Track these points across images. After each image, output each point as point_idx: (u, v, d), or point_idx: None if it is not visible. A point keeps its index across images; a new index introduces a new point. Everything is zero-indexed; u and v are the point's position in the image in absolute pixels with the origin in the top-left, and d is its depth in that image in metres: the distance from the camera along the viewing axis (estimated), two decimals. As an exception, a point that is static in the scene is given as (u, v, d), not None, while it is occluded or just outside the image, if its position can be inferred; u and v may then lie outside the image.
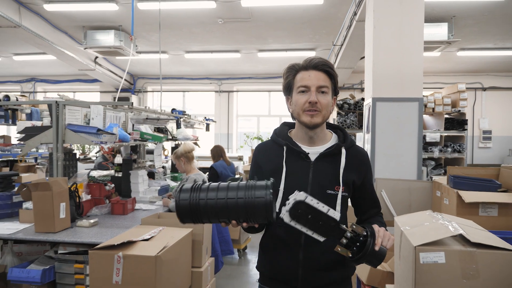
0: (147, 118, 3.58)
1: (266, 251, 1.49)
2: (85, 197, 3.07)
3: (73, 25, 6.99)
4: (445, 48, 6.63)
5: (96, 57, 8.44)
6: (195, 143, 5.32)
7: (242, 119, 10.76)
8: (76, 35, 7.42)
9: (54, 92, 11.28)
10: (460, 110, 6.62)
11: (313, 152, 1.43)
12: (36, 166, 6.30)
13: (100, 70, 8.93)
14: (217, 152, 4.85)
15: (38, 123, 3.89)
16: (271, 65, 9.13)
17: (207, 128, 6.44)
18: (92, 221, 2.70)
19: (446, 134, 6.63)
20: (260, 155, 1.50)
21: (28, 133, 2.88)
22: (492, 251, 1.53)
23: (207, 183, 1.24)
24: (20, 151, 5.98)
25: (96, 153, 7.70)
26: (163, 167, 4.77)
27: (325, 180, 1.40)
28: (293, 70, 1.43)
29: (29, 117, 3.96)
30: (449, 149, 6.59)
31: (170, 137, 4.47)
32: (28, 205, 2.75)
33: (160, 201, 3.58)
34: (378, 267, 2.61)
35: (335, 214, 1.17)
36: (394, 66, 3.99)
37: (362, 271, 2.71)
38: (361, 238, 1.20)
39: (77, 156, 6.58)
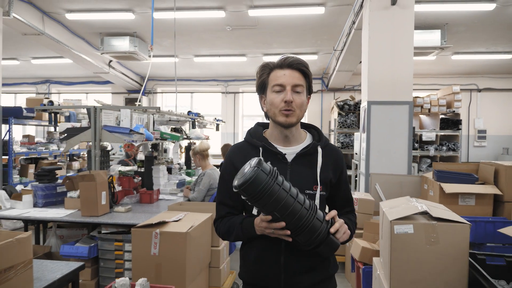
0: (170, 120, 4.08)
1: (247, 258, 1.46)
2: (116, 188, 3.56)
3: (90, 32, 7.49)
4: (439, 53, 7.07)
5: (111, 61, 8.94)
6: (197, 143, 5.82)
7: (247, 119, 11.25)
8: (93, 41, 7.93)
9: (68, 93, 11.81)
10: (454, 111, 7.03)
11: (290, 152, 1.41)
12: (58, 163, 6.83)
13: (113, 73, 9.43)
14: (227, 150, 5.33)
15: (77, 124, 4.38)
16: None
17: (217, 128, 6.93)
18: (126, 207, 3.19)
19: (441, 134, 7.02)
20: (235, 157, 1.45)
21: (70, 133, 3.37)
22: (448, 223, 2.00)
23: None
24: (45, 149, 6.49)
25: (110, 151, 8.21)
26: (178, 163, 5.26)
27: (303, 180, 1.39)
28: (267, 69, 1.41)
29: (68, 119, 4.44)
30: (444, 148, 6.99)
31: (185, 136, 4.95)
32: (71, 194, 3.24)
33: (180, 193, 4.08)
34: (368, 246, 3.10)
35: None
36: (387, 73, 4.46)
37: (355, 249, 3.19)
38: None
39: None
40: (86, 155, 7.64)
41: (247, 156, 1.38)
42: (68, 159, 7.57)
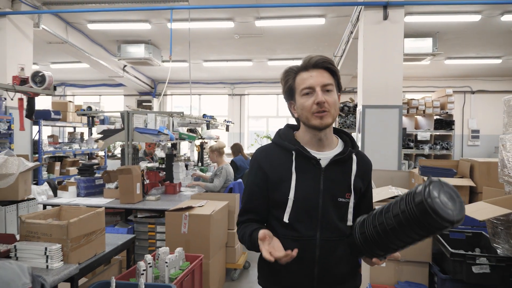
0: (190, 122, 4.68)
1: (272, 266, 1.33)
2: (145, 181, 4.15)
3: (108, 40, 8.09)
4: (432, 59, 7.62)
5: (125, 66, 9.55)
6: (216, 141, 6.43)
7: (252, 120, 11.83)
8: (110, 48, 8.53)
9: (82, 95, 12.44)
10: (447, 112, 7.52)
11: (324, 157, 1.33)
12: (79, 161, 7.44)
13: (127, 76, 10.03)
14: (237, 149, 5.92)
15: (111, 126, 4.99)
16: (279, 71, 9.90)
17: (227, 129, 7.53)
18: (156, 196, 3.79)
19: (435, 133, 7.53)
20: (264, 160, 1.38)
21: (106, 134, 3.97)
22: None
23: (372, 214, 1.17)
24: (68, 148, 7.10)
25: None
26: (193, 160, 5.86)
27: (336, 187, 1.32)
28: (292, 73, 1.35)
29: (102, 122, 5.05)
30: (438, 147, 7.49)
31: (199, 137, 5.54)
32: (109, 185, 3.84)
33: (195, 188, 4.68)
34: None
35: None
36: (379, 80, 5.03)
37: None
38: None
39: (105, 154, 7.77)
40: (99, 154, 8.27)
41: (276, 160, 1.35)
42: (87, 158, 8.18)
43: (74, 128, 8.07)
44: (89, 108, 4.53)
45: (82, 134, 7.87)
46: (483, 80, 10.36)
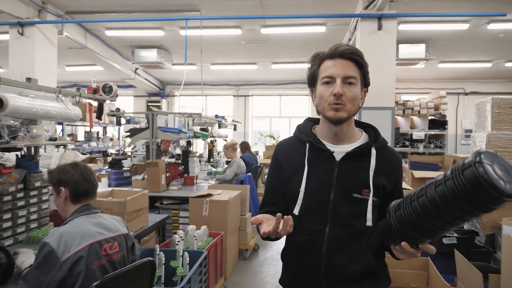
0: (206, 122, 5.24)
1: (287, 263, 1.37)
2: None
3: (123, 45, 8.66)
4: (425, 63, 8.16)
5: (137, 68, 10.11)
6: (225, 140, 7.00)
7: (256, 120, 12.41)
8: (124, 52, 9.10)
9: (94, 96, 12.99)
10: (441, 113, 8.01)
11: (339, 151, 1.29)
12: (96, 158, 8.01)
13: (138, 79, 10.60)
14: (244, 146, 6.48)
15: (136, 126, 5.56)
16: (282, 74, 10.76)
17: (235, 128, 8.10)
18: (178, 186, 4.35)
19: (430, 133, 8.02)
20: (281, 152, 1.38)
21: (133, 132, 4.53)
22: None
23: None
24: (88, 145, 7.66)
25: (132, 149, 9.40)
26: (205, 156, 6.42)
27: (351, 182, 1.26)
28: (318, 59, 1.30)
29: (128, 121, 5.61)
30: (432, 145, 7.96)
31: (211, 135, 6.11)
32: (136, 177, 4.40)
33: (210, 180, 5.24)
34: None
35: None
36: (374, 84, 5.53)
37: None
38: None
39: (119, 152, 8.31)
40: (113, 152, 8.82)
41: (292, 152, 1.34)
42: (102, 155, 8.75)
43: (90, 127, 8.64)
44: (118, 109, 5.09)
45: (98, 133, 8.44)
46: (476, 82, 10.90)
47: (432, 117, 8.21)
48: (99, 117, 3.11)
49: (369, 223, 1.21)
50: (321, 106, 1.26)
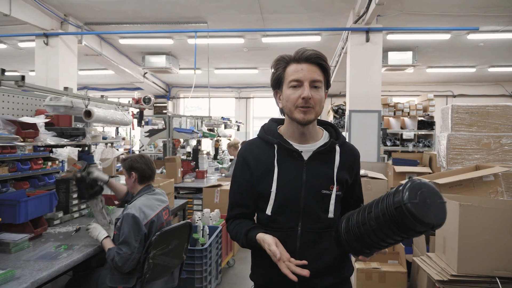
0: (214, 124, 5.95)
1: (260, 259, 1.38)
2: (180, 168, 5.43)
3: (134, 52, 9.37)
4: (414, 68, 8.87)
5: (145, 73, 10.82)
6: (229, 139, 7.73)
7: (257, 120, 13.15)
8: (134, 58, 9.82)
9: (103, 98, 13.70)
10: (429, 114, 8.66)
11: (306, 150, 1.34)
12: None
13: (145, 82, 11.31)
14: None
15: (154, 126, 6.28)
16: None
17: (238, 129, 8.82)
18: (191, 179, 5.07)
19: (419, 133, 8.68)
20: (249, 154, 1.40)
21: (152, 133, 5.24)
22: (376, 180, 3.85)
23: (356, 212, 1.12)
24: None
25: (140, 147, 10.11)
26: (211, 154, 7.14)
27: (320, 179, 1.32)
28: (283, 62, 1.33)
29: (146, 123, 6.33)
30: (421, 144, 8.62)
31: (218, 135, 6.82)
32: (158, 171, 5.11)
33: (218, 174, 5.95)
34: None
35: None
36: (362, 89, 6.29)
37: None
38: None
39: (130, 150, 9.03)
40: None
41: (259, 154, 1.36)
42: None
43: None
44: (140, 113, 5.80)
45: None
46: (463, 85, 11.61)
47: (422, 118, 8.90)
48: (140, 121, 3.82)
49: (330, 215, 1.31)
50: (288, 108, 1.31)
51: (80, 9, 6.89)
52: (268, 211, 1.31)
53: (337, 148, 1.36)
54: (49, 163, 3.02)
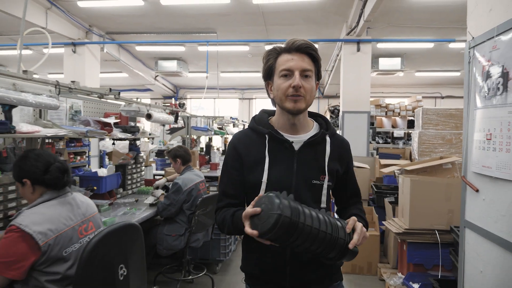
0: (225, 123, 6.86)
1: (250, 251, 1.40)
2: (196, 161, 6.33)
3: (148, 57, 10.27)
4: (403, 72, 9.76)
5: (157, 76, 11.72)
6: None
7: (259, 120, 14.03)
8: (148, 62, 10.71)
9: (114, 98, 14.59)
10: None
11: (297, 140, 1.35)
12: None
13: (156, 84, 12.20)
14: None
15: (174, 125, 7.21)
16: None
17: (244, 127, 9.73)
18: (207, 169, 5.97)
19: (408, 131, 9.52)
20: (240, 144, 1.39)
21: (173, 130, 6.14)
22: (361, 168, 4.75)
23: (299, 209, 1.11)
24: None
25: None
26: (221, 150, 8.06)
27: (310, 169, 1.34)
28: (275, 53, 1.34)
29: None
30: (410, 142, 9.47)
31: (226, 132, 7.73)
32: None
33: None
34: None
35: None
36: (353, 93, 7.20)
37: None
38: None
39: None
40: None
41: (251, 145, 1.37)
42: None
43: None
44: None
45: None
46: (451, 87, 12.51)
47: (411, 118, 9.75)
48: (176, 121, 4.74)
49: (323, 205, 1.33)
50: (279, 97, 1.30)
51: (104, 21, 7.77)
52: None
53: (328, 138, 1.38)
54: (78, 158, 3.89)
